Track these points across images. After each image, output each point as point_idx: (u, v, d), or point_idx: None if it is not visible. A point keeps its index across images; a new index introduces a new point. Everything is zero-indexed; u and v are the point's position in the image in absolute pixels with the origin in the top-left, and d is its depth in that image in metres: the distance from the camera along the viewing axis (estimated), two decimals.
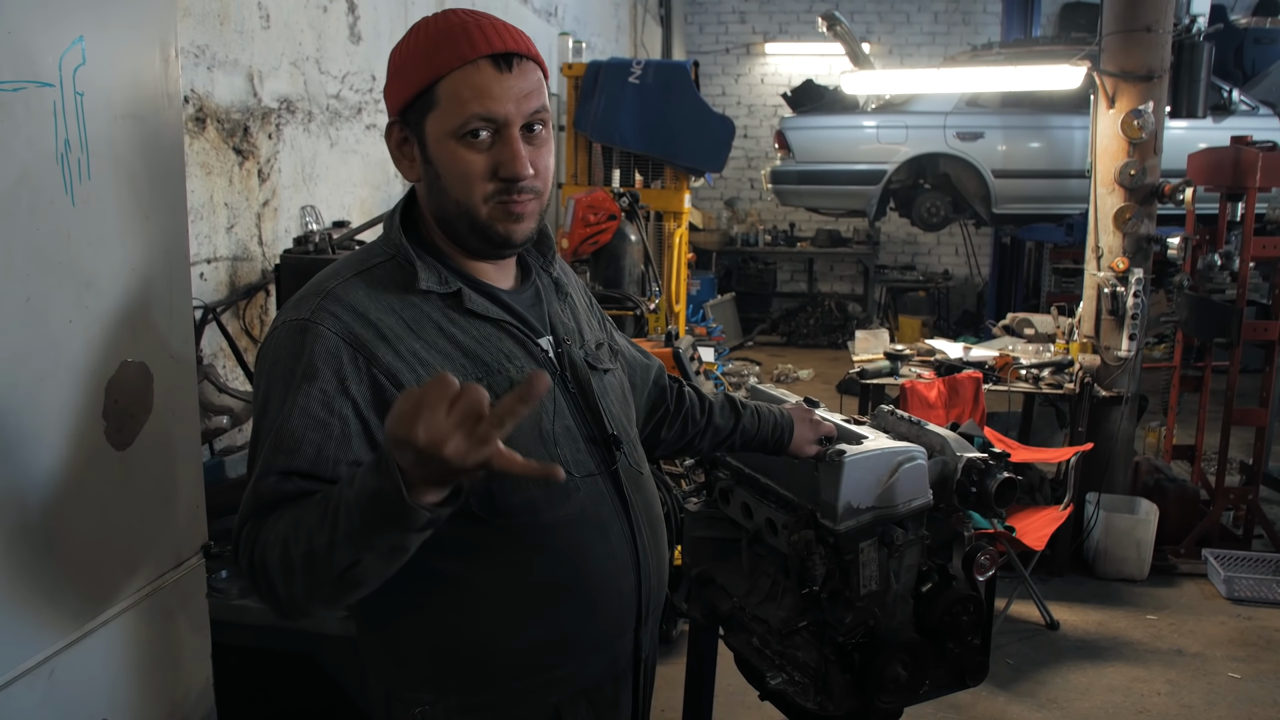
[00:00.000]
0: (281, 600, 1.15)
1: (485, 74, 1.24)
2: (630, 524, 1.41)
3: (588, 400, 1.41)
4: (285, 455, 1.18)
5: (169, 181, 1.62)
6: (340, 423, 1.21)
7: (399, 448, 0.98)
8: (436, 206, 1.32)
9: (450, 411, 0.96)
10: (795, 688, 1.94)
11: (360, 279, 1.29)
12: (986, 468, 1.97)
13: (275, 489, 1.18)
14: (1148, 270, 4.70)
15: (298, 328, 1.24)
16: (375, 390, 1.23)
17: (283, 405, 1.20)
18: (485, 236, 1.31)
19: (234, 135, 2.92)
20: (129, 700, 1.58)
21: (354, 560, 1.08)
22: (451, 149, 1.26)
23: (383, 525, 1.04)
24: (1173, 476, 4.97)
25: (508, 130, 1.26)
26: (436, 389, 0.96)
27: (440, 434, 0.96)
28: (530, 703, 1.37)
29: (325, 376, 1.21)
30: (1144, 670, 3.79)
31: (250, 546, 1.16)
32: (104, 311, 1.47)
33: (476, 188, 1.27)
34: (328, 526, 1.07)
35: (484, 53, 1.24)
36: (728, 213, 11.39)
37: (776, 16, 11.32)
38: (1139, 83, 4.61)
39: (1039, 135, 7.47)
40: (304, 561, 1.10)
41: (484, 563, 1.31)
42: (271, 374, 1.24)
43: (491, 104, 1.24)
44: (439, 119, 1.26)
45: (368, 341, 1.24)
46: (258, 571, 1.15)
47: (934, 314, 9.90)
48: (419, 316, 1.29)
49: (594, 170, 5.89)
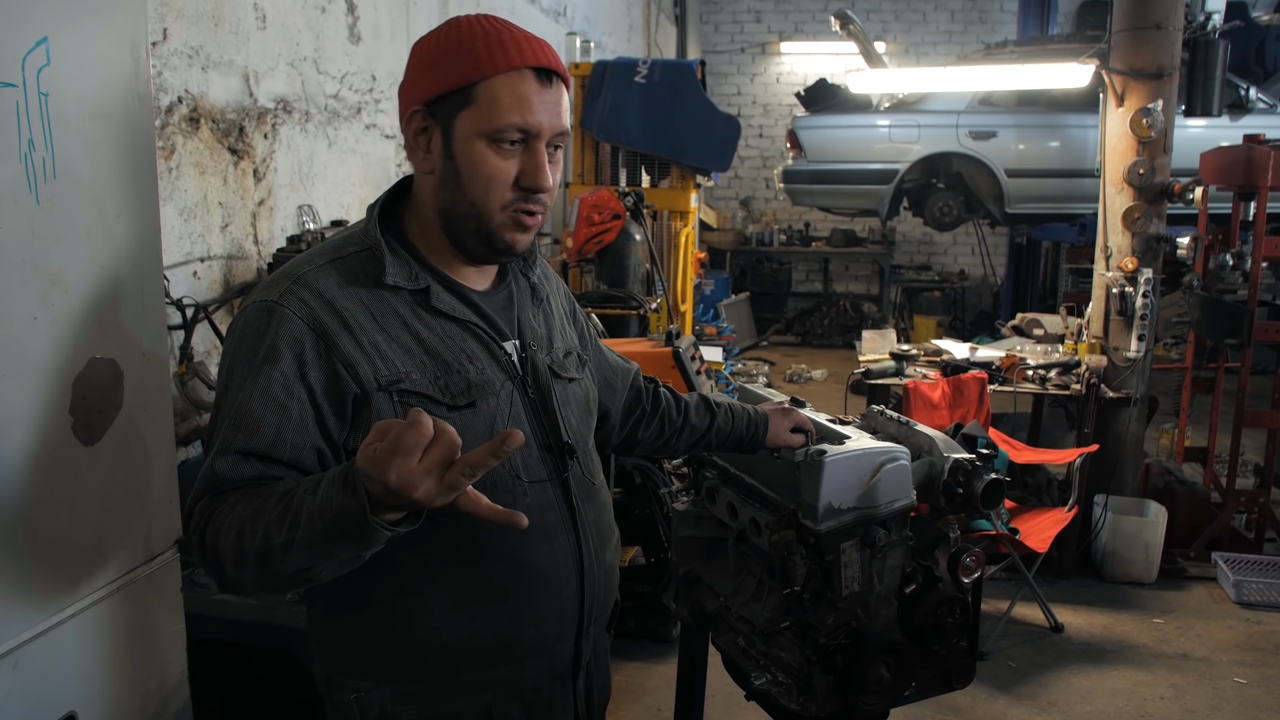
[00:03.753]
0: (229, 581, 1.18)
1: (529, 84, 1.27)
2: (577, 532, 1.42)
3: (546, 406, 1.42)
4: (244, 435, 1.21)
5: (140, 181, 1.64)
6: (299, 406, 1.23)
7: (369, 481, 1.01)
8: (448, 202, 1.33)
9: (424, 457, 0.99)
10: (779, 688, 1.94)
11: (333, 266, 1.31)
12: (973, 469, 1.96)
13: (233, 469, 1.20)
14: (1157, 270, 4.65)
15: (265, 309, 1.26)
16: (332, 378, 1.25)
17: (244, 385, 1.23)
18: (489, 242, 1.33)
19: (229, 135, 2.94)
20: (99, 691, 1.60)
21: (309, 565, 1.11)
22: (480, 150, 1.28)
23: (344, 539, 1.07)
24: (1183, 479, 4.91)
25: (536, 142, 1.29)
26: (411, 434, 0.98)
27: (412, 480, 0.99)
28: (464, 699, 1.38)
29: (287, 360, 1.23)
30: (1148, 674, 3.75)
31: (202, 525, 1.18)
32: (70, 309, 1.49)
33: (497, 193, 1.29)
34: (287, 527, 1.09)
35: (530, 64, 1.27)
36: (743, 212, 11.37)
37: (792, 15, 11.29)
38: (1148, 80, 4.56)
39: (1053, 134, 7.41)
40: (258, 555, 1.12)
41: (426, 558, 1.33)
42: (236, 353, 1.26)
43: (530, 115, 1.27)
44: (474, 117, 1.27)
45: (331, 330, 1.26)
46: (208, 551, 1.18)
47: (949, 314, 9.85)
48: (385, 310, 1.30)
49: (601, 169, 5.90)
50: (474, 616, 1.35)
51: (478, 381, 1.33)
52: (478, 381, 1.33)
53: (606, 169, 5.89)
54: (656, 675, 3.59)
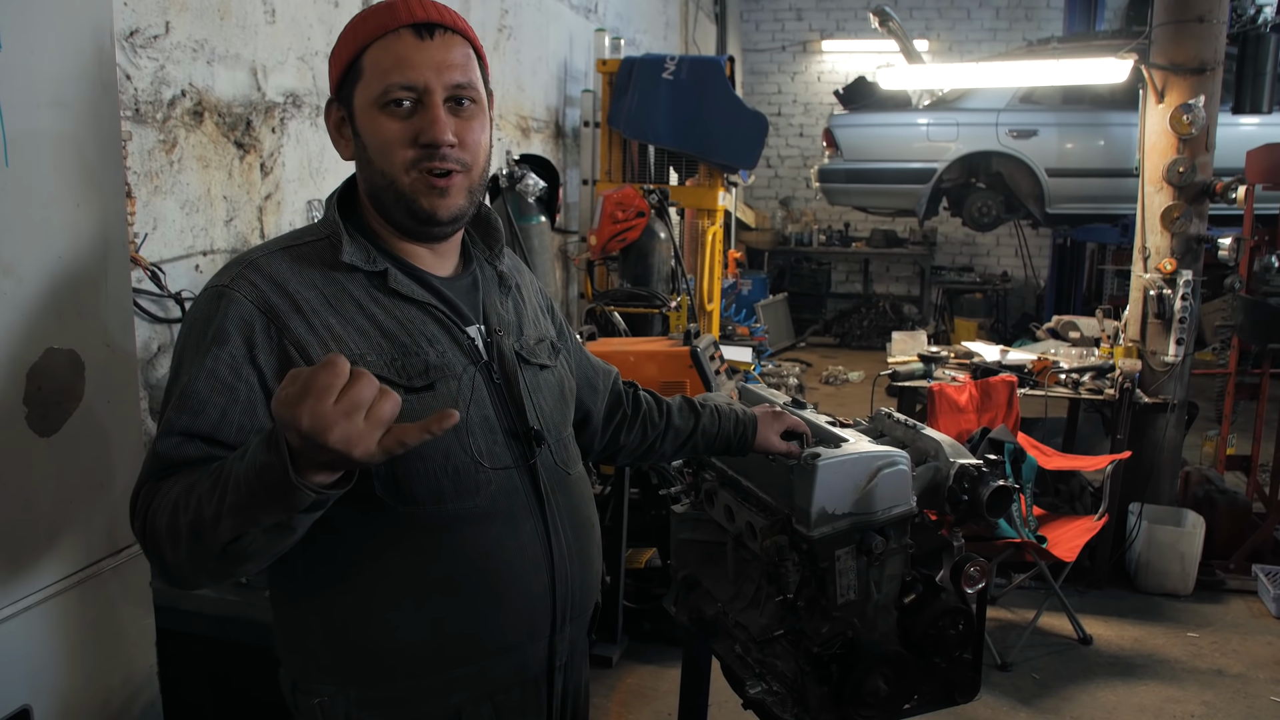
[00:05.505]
0: (169, 567, 1.14)
1: (405, 42, 1.26)
2: (545, 523, 1.37)
3: (512, 392, 1.38)
4: (189, 417, 1.18)
5: (105, 170, 1.62)
6: (247, 388, 1.21)
7: (285, 429, 0.97)
8: (367, 181, 1.32)
9: (340, 398, 0.94)
10: (773, 698, 1.88)
11: (286, 253, 1.30)
12: (979, 475, 1.89)
13: (177, 450, 1.17)
14: (1197, 272, 4.50)
15: (216, 294, 1.24)
16: (283, 361, 1.22)
17: (191, 367, 1.20)
18: (410, 210, 1.30)
19: (235, 129, 2.94)
20: (55, 685, 1.58)
21: (237, 534, 1.06)
22: (374, 118, 1.27)
23: (267, 501, 1.02)
24: (1224, 488, 4.74)
25: (429, 98, 1.27)
26: (326, 373, 0.95)
27: (325, 421, 0.94)
28: (431, 701, 1.34)
29: (235, 342, 1.21)
30: (1179, 690, 3.61)
31: (145, 509, 1.15)
32: (25, 298, 1.47)
33: (396, 154, 1.27)
34: (216, 497, 1.06)
35: (405, 22, 1.27)
36: (783, 212, 11.28)
37: (834, 13, 11.17)
38: (1190, 76, 4.41)
39: (1096, 132, 7.22)
40: (190, 530, 1.08)
41: (386, 552, 1.29)
42: (186, 337, 1.25)
43: (410, 71, 1.26)
44: (363, 89, 1.28)
45: (282, 312, 1.24)
46: (148, 536, 1.14)
47: (991, 316, 9.65)
48: (340, 293, 1.28)
49: (628, 167, 5.85)
50: (435, 613, 1.31)
51: (437, 364, 1.30)
52: (437, 364, 1.30)
53: (634, 166, 5.85)
54: (669, 679, 3.54)
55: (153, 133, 2.62)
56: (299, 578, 1.30)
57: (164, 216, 2.67)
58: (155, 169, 2.63)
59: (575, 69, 6.28)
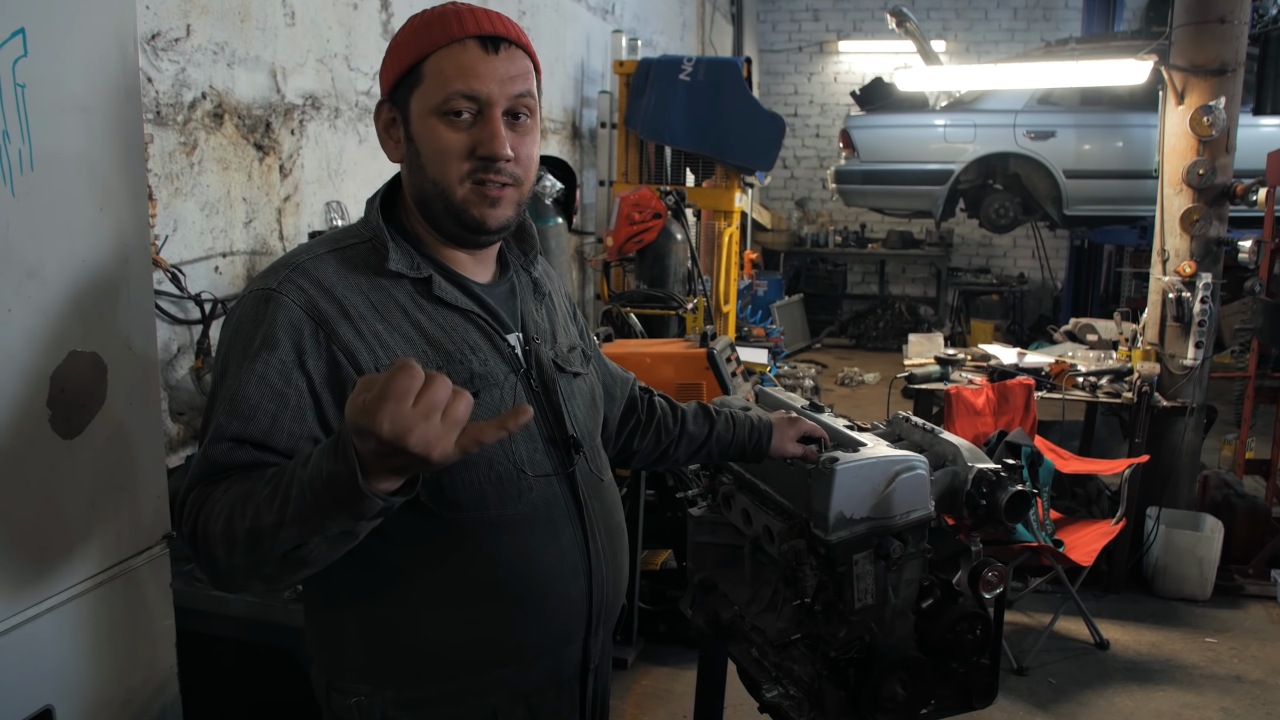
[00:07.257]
0: (220, 571, 1.14)
1: (471, 53, 1.26)
2: (584, 529, 1.39)
3: (550, 400, 1.39)
4: (240, 422, 1.18)
5: (127, 174, 1.63)
6: (296, 394, 1.20)
7: (361, 437, 0.96)
8: (415, 187, 1.32)
9: (417, 402, 0.94)
10: (790, 702, 1.88)
11: (333, 256, 1.30)
12: (998, 479, 1.88)
13: (227, 456, 1.17)
14: (1217, 275, 4.46)
15: (263, 297, 1.24)
16: (332, 367, 1.22)
17: (240, 372, 1.20)
18: (460, 219, 1.30)
19: (254, 131, 2.96)
20: (78, 685, 1.59)
21: (300, 542, 1.06)
22: (432, 125, 1.27)
23: (335, 510, 1.02)
24: (1242, 492, 4.70)
25: (490, 110, 1.27)
26: (402, 377, 0.94)
27: (405, 425, 0.94)
28: (468, 702, 1.35)
29: (285, 347, 1.21)
30: (1196, 696, 3.59)
31: (195, 513, 1.15)
32: (48, 301, 1.48)
33: (453, 165, 1.27)
34: (278, 505, 1.06)
35: (472, 33, 1.27)
36: (798, 213, 11.25)
37: (851, 14, 11.15)
38: (1210, 77, 4.38)
39: (1114, 134, 7.18)
40: (248, 537, 1.08)
41: (428, 556, 1.30)
42: (233, 340, 1.24)
43: (475, 82, 1.25)
44: (423, 95, 1.27)
45: (330, 317, 1.24)
46: (199, 539, 1.14)
47: (1007, 318, 9.61)
48: (386, 299, 1.28)
49: (645, 168, 5.85)
50: (476, 616, 1.32)
51: (481, 373, 1.30)
52: (481, 373, 1.30)
53: (651, 167, 5.85)
54: (684, 681, 3.54)
55: (174, 135, 2.64)
56: (337, 581, 1.30)
57: (184, 218, 2.69)
58: (176, 171, 2.65)
59: (592, 70, 6.29)
